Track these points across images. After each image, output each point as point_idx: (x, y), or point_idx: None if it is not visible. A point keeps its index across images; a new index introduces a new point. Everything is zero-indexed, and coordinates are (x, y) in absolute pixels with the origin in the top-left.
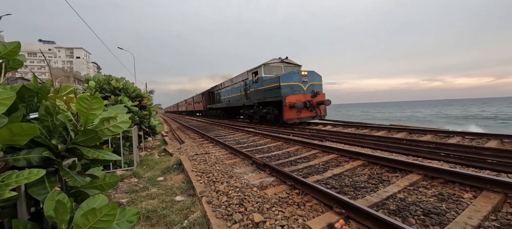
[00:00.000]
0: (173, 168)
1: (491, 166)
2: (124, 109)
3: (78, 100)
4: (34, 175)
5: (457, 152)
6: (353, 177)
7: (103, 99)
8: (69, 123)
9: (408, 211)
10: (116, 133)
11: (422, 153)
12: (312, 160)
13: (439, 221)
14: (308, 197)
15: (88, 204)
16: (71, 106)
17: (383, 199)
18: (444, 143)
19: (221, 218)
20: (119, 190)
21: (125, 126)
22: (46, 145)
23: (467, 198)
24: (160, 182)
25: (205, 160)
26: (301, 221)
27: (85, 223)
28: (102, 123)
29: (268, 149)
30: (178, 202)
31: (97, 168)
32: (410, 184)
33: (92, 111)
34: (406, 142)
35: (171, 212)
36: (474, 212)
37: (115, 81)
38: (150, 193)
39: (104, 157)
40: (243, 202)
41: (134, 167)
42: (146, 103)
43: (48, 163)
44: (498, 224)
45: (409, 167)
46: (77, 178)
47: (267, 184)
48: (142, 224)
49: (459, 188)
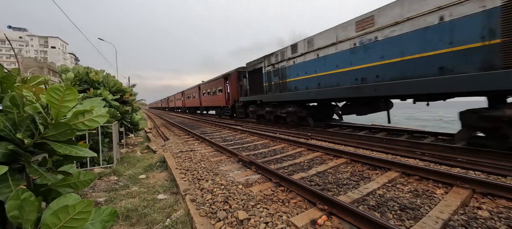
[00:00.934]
0: (156, 166)
1: (461, 164)
2: (102, 103)
3: (49, 91)
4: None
5: (431, 150)
6: (336, 174)
7: (81, 93)
8: (38, 115)
9: (386, 207)
10: (91, 127)
11: (400, 151)
12: (297, 158)
13: (414, 215)
14: (292, 194)
15: (58, 203)
16: (40, 97)
17: (363, 195)
18: (420, 142)
19: (205, 216)
20: (96, 188)
21: (102, 120)
22: (10, 139)
23: (439, 193)
24: (142, 180)
25: (190, 158)
26: (285, 218)
27: (55, 222)
28: (76, 116)
29: (254, 146)
30: (160, 201)
31: (71, 165)
32: (388, 181)
33: (64, 104)
34: (386, 141)
35: (152, 210)
36: (445, 206)
37: (94, 73)
38: (130, 191)
39: (78, 153)
40: (228, 199)
41: (114, 164)
42: (128, 98)
43: (13, 159)
44: (466, 218)
45: (388, 164)
46: (47, 175)
47: (252, 182)
48: (121, 224)
49: (433, 184)
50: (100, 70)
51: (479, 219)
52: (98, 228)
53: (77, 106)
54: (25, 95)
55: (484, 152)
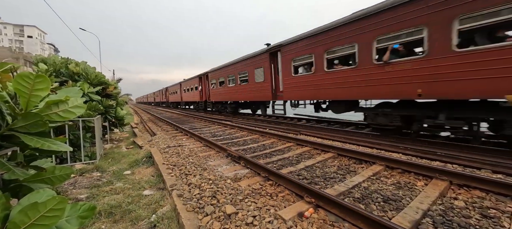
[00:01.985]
0: (142, 161)
1: (440, 158)
2: (79, 93)
3: (16, 78)
4: None
5: (413, 145)
6: (323, 168)
7: (60, 86)
8: (4, 105)
9: (371, 198)
10: (66, 118)
11: (385, 146)
12: (286, 153)
13: (396, 206)
14: (280, 187)
15: (29, 199)
16: (7, 85)
17: (349, 188)
18: (403, 138)
19: (192, 211)
20: (77, 185)
21: (79, 111)
22: None
23: (420, 185)
24: (126, 176)
25: (178, 153)
26: (273, 211)
27: (24, 220)
28: (49, 107)
29: (244, 141)
30: (146, 197)
31: (45, 160)
32: (373, 174)
33: (35, 93)
34: (371, 136)
35: (137, 207)
36: (425, 197)
37: (75, 65)
38: (114, 187)
39: (50, 146)
40: (216, 194)
41: (97, 160)
42: (111, 91)
43: None
44: (443, 208)
45: (373, 158)
46: (16, 170)
47: (241, 176)
48: (103, 221)
49: (414, 177)
50: (82, 61)
51: (455, 209)
52: (74, 225)
53: (50, 96)
54: None
55: (462, 147)
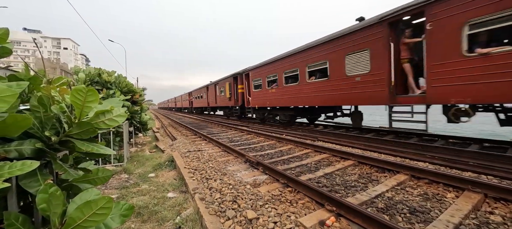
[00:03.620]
0: (164, 165)
1: (473, 168)
2: (120, 103)
3: (72, 92)
4: (27, 166)
5: (441, 154)
6: (344, 176)
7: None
8: (63, 114)
9: (395, 209)
10: (111, 126)
11: (409, 154)
12: (304, 159)
13: (423, 219)
14: (300, 195)
15: (81, 198)
16: (65, 98)
17: (372, 198)
18: (429, 145)
19: (214, 214)
20: (108, 186)
21: (121, 119)
22: (38, 136)
23: (450, 197)
24: (151, 178)
25: (198, 157)
26: (294, 218)
27: (79, 216)
28: (97, 116)
29: (261, 147)
30: (170, 199)
31: (89, 162)
32: (397, 184)
33: (87, 104)
34: (394, 143)
35: (163, 208)
36: (456, 211)
37: (107, 74)
38: (141, 189)
39: (98, 150)
40: (237, 199)
41: (125, 162)
42: (138, 98)
43: (39, 155)
44: (477, 222)
45: (397, 167)
46: (70, 171)
47: (260, 182)
48: (133, 220)
49: (443, 188)
50: (112, 71)
51: (491, 224)
52: (117, 222)
53: (97, 106)
54: (53, 96)
55: (496, 156)
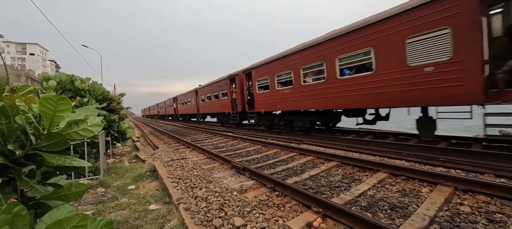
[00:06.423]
0: (146, 175)
1: (443, 163)
2: (96, 111)
3: (41, 101)
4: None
5: (415, 151)
6: (328, 177)
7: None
8: (29, 125)
9: (377, 207)
10: (85, 136)
11: (387, 153)
12: (290, 163)
13: (403, 214)
14: (287, 198)
15: (51, 217)
16: (32, 107)
17: (355, 197)
18: (405, 144)
19: (200, 224)
20: (83, 201)
21: (97, 129)
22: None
23: (425, 192)
24: (131, 190)
25: (182, 166)
26: (282, 222)
27: None
28: (70, 126)
29: (247, 152)
30: (152, 211)
31: (60, 176)
32: (378, 182)
33: (58, 113)
34: (373, 143)
35: (144, 222)
36: (431, 204)
37: (80, 81)
38: (120, 203)
39: (71, 163)
40: (223, 206)
41: (101, 175)
42: (115, 106)
43: (1, 172)
44: (450, 214)
45: (377, 166)
46: (38, 187)
47: (247, 188)
48: None
49: (418, 183)
50: (86, 78)
51: (461, 214)
52: None
53: (70, 115)
54: (18, 105)
55: (463, 152)
